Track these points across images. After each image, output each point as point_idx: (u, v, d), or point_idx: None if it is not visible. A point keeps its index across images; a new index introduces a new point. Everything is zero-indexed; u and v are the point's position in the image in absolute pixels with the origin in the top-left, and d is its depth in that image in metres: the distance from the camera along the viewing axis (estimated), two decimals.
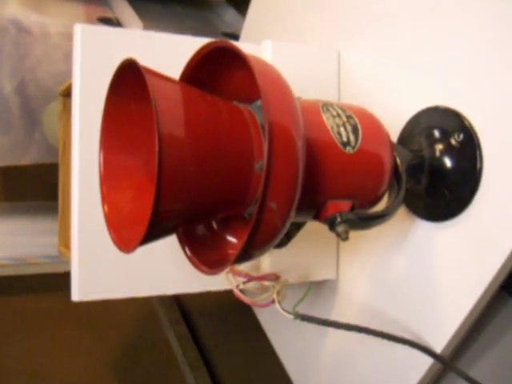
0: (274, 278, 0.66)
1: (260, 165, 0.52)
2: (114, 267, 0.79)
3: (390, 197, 0.66)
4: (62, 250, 1.16)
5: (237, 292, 0.66)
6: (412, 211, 0.75)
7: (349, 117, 0.61)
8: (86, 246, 0.77)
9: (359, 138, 0.60)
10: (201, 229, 0.60)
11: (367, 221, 0.62)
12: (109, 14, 1.47)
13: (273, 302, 0.65)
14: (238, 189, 0.53)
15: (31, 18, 1.28)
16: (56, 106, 1.24)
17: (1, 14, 1.24)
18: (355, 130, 0.60)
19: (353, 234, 0.59)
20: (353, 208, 0.60)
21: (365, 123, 0.62)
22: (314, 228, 0.70)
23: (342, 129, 0.59)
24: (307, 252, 0.88)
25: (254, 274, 0.68)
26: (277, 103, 0.49)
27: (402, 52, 0.79)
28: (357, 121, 0.61)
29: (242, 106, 0.57)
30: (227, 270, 0.66)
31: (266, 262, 0.84)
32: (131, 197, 0.58)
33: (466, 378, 0.72)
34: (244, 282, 0.68)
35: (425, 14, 0.75)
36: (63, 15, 1.36)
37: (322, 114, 0.59)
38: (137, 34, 0.86)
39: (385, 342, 0.70)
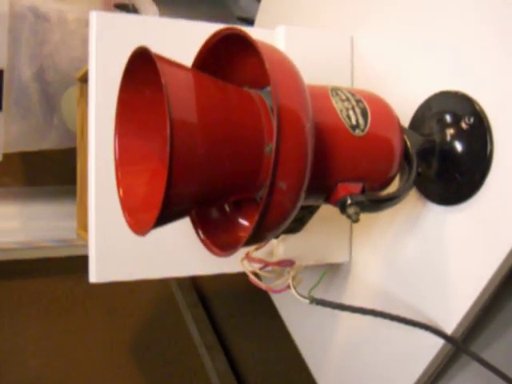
0: (289, 263, 0.66)
1: (270, 147, 0.53)
2: (131, 249, 0.80)
3: (400, 180, 0.67)
4: (81, 233, 1.18)
5: (252, 278, 0.66)
6: (423, 195, 0.76)
7: (358, 100, 0.61)
8: (103, 228, 0.78)
9: (368, 121, 0.60)
10: (214, 212, 0.61)
11: (378, 203, 0.62)
12: (125, 0, 1.48)
13: (288, 287, 0.65)
14: (248, 172, 0.53)
15: (49, 5, 1.29)
16: (74, 91, 1.25)
17: (19, 2, 1.26)
18: (364, 113, 0.61)
19: (365, 218, 0.59)
20: (363, 190, 0.61)
21: (374, 107, 0.62)
22: (326, 213, 0.70)
23: (351, 112, 0.60)
24: (320, 236, 0.88)
25: (269, 260, 0.69)
26: (285, 86, 0.50)
27: (415, 37, 0.79)
28: (366, 104, 0.62)
29: (252, 92, 0.57)
30: (243, 257, 0.67)
31: (280, 247, 0.84)
32: (146, 181, 0.59)
33: (478, 359, 0.72)
34: (259, 268, 0.69)
35: None
36: (80, 2, 1.37)
37: (331, 97, 0.60)
38: (151, 21, 0.87)
39: (397, 324, 0.71)
